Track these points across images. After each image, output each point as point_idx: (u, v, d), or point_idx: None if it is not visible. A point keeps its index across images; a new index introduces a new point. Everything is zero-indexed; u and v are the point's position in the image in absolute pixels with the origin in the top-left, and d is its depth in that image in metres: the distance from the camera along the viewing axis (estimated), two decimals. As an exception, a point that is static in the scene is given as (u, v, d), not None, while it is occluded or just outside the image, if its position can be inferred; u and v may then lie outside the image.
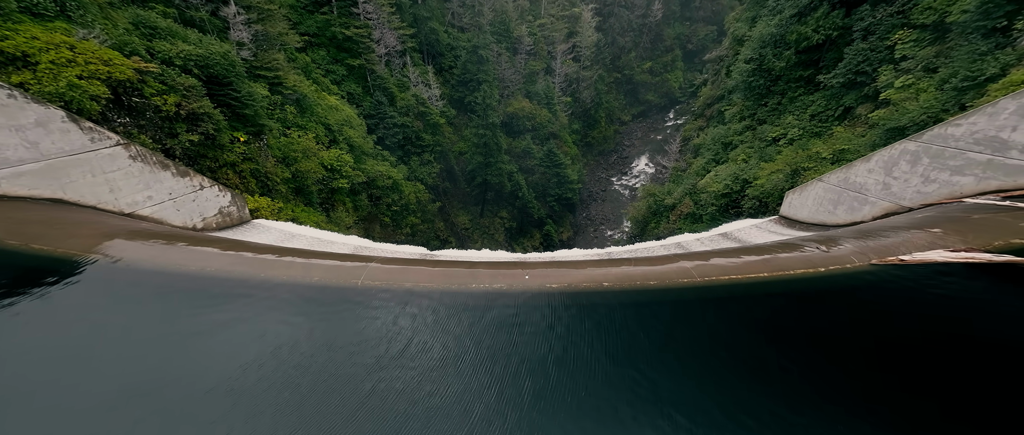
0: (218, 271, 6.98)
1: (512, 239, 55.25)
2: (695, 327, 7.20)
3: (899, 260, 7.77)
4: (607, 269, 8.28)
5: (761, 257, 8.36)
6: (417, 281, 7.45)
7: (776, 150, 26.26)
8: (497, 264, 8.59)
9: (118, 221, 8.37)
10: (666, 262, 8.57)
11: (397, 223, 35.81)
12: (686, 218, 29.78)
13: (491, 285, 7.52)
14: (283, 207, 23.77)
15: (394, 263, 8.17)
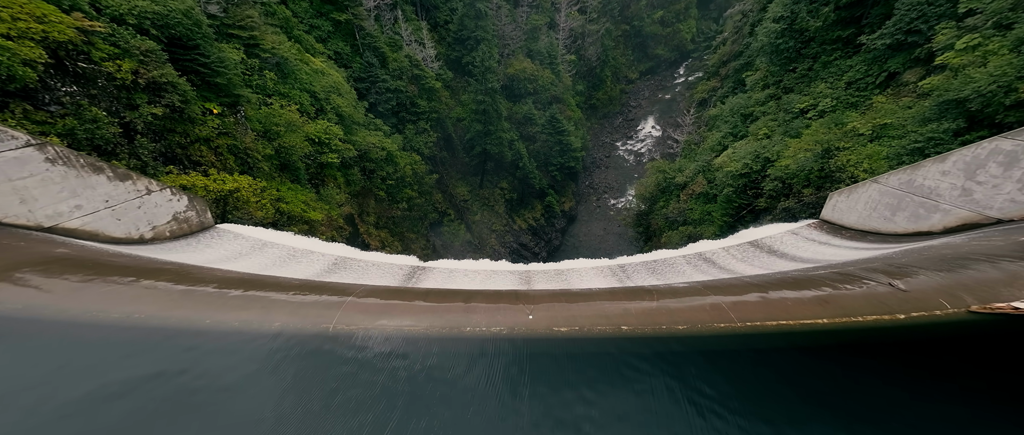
0: (149, 318, 5.38)
1: (512, 211, 53.66)
2: (743, 397, 5.65)
3: (1013, 309, 5.90)
4: (623, 304, 6.72)
5: (815, 293, 6.70)
6: (402, 323, 5.90)
7: (804, 124, 24.01)
8: (496, 296, 7.02)
9: (31, 243, 6.67)
10: (694, 295, 7.00)
11: (393, 197, 34.00)
12: (698, 198, 28.00)
13: (489, 328, 6.01)
14: (266, 186, 21.87)
15: (375, 295, 6.56)
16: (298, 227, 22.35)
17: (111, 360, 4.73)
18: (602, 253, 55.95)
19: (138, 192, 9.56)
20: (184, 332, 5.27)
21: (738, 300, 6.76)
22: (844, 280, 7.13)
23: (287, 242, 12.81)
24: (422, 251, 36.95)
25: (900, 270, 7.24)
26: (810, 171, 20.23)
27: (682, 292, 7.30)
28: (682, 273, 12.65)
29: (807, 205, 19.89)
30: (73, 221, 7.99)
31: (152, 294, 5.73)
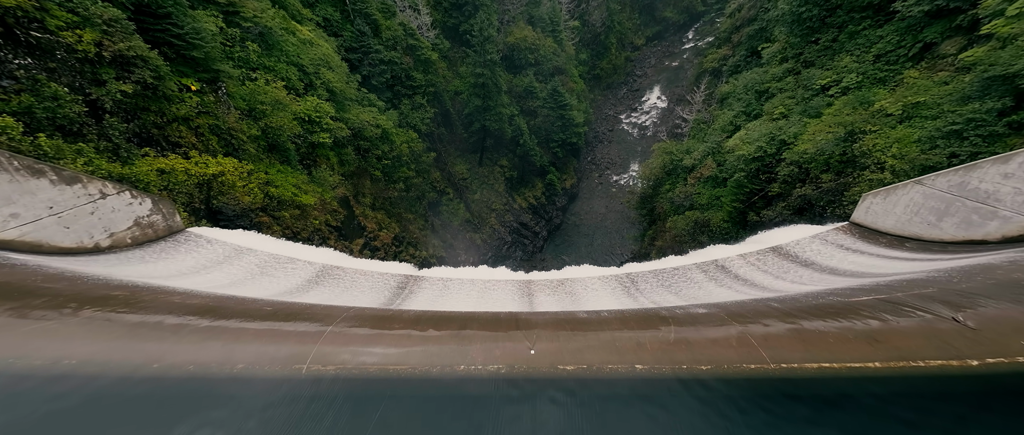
0: (84, 364, 4.44)
1: (512, 189, 52.44)
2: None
3: None
4: (637, 335, 5.84)
5: (861, 327, 5.71)
6: (388, 359, 5.02)
7: (825, 102, 22.53)
8: (494, 321, 6.11)
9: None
10: (716, 325, 6.11)
11: (389, 177, 32.74)
12: (706, 182, 26.79)
13: (486, 365, 5.14)
14: (253, 169, 20.62)
15: (359, 322, 5.64)
16: (290, 212, 21.30)
17: (25, 428, 3.81)
18: (603, 232, 55.16)
19: (90, 196, 8.45)
20: (126, 380, 4.34)
21: (768, 332, 5.84)
22: (893, 309, 6.12)
23: (267, 248, 11.74)
24: (420, 231, 36.08)
25: (962, 298, 6.24)
26: (830, 155, 19.01)
27: (702, 320, 6.37)
28: (697, 285, 11.65)
29: (825, 192, 18.80)
30: (8, 232, 6.92)
31: (92, 329, 4.78)
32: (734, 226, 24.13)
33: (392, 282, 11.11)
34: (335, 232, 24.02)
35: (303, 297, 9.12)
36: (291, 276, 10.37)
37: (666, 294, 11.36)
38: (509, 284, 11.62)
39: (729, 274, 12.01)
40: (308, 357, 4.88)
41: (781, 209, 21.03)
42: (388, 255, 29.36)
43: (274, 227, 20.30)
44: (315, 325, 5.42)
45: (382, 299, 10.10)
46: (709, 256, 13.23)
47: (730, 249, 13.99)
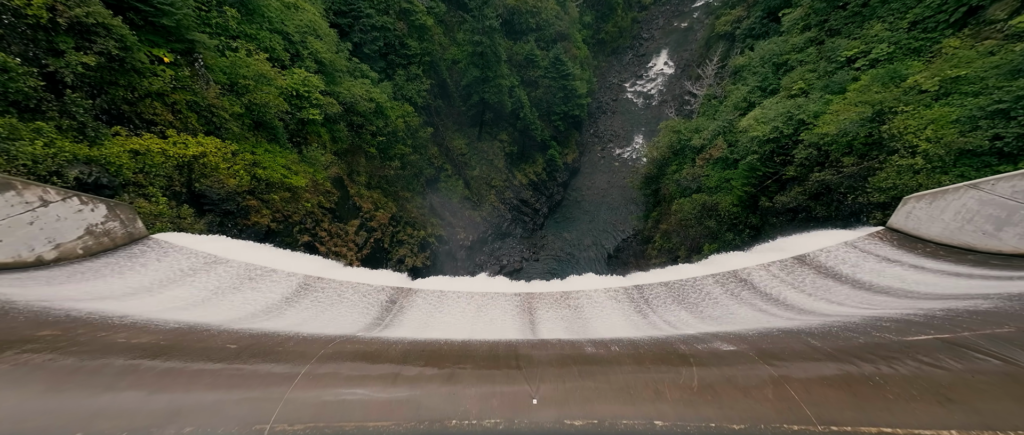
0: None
1: (512, 165, 50.98)
2: None
3: None
4: (654, 378, 5.01)
5: (925, 377, 4.66)
6: (367, 414, 4.18)
7: (851, 76, 20.98)
8: (491, 358, 5.27)
9: None
10: (745, 365, 5.25)
11: (385, 154, 31.36)
12: (716, 163, 25.47)
13: (482, 420, 4.32)
14: (238, 149, 19.33)
15: (338, 358, 4.76)
16: (280, 194, 20.19)
17: None
18: (605, 208, 54.15)
19: (27, 204, 7.37)
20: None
21: (809, 378, 4.96)
22: (961, 355, 5.11)
23: (243, 257, 10.63)
24: (418, 210, 35.08)
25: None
26: (854, 137, 17.74)
27: (729, 359, 5.50)
28: (715, 302, 10.55)
29: (847, 177, 17.67)
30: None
31: (5, 384, 3.88)
32: (744, 211, 23.15)
33: (381, 296, 10.17)
34: (329, 214, 23.04)
35: (280, 319, 8.16)
36: (269, 291, 9.35)
37: (680, 312, 10.27)
38: (507, 298, 10.62)
39: (751, 289, 10.85)
40: (273, 414, 4.03)
41: (796, 194, 19.98)
42: (385, 236, 28.50)
43: (263, 211, 19.29)
44: (287, 366, 4.55)
45: (369, 318, 9.18)
46: (726, 266, 11.99)
47: (749, 258, 12.65)
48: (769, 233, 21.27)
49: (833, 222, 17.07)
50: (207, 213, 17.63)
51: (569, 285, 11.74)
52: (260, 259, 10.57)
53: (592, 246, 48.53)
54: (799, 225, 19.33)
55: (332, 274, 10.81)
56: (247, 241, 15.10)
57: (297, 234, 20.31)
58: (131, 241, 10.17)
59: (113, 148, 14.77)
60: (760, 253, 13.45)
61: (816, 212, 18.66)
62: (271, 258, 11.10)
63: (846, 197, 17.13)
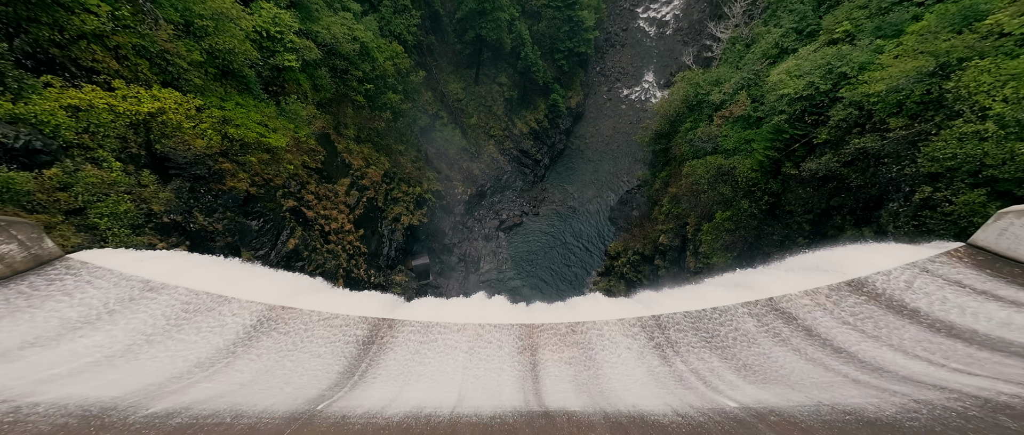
0: None
1: (512, 111, 47.68)
2: None
3: None
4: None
5: None
6: None
7: (908, 15, 18.14)
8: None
9: None
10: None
11: (373, 103, 28.50)
12: (736, 122, 23.03)
13: None
14: (203, 104, 16.88)
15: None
16: (257, 156, 18.09)
17: None
18: (609, 157, 51.81)
19: None
20: None
21: None
22: None
23: (186, 282, 8.66)
24: (413, 164, 32.94)
25: None
26: (907, 95, 15.54)
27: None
28: (752, 343, 8.69)
29: (891, 142, 15.78)
30: None
31: None
32: (764, 176, 21.41)
33: (358, 333, 8.59)
34: (315, 175, 21.12)
35: (227, 375, 6.66)
36: (218, 330, 7.78)
37: (711, 357, 8.42)
38: (505, 333, 9.02)
39: (795, 326, 8.74)
40: None
41: (827, 161, 18.17)
42: (379, 194, 26.80)
43: (240, 175, 17.38)
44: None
45: (340, 366, 7.76)
46: (759, 291, 9.88)
47: (787, 281, 10.33)
48: (792, 204, 19.84)
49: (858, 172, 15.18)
50: (174, 178, 15.77)
51: (578, 313, 9.99)
52: (207, 282, 8.75)
53: (595, 199, 47.16)
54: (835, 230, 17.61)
55: (302, 302, 9.11)
56: (205, 255, 13.08)
57: (281, 199, 18.62)
58: (36, 265, 8.14)
59: (44, 103, 12.50)
60: (800, 273, 11.07)
61: (850, 181, 17.06)
62: (222, 279, 9.35)
63: (888, 167, 15.43)
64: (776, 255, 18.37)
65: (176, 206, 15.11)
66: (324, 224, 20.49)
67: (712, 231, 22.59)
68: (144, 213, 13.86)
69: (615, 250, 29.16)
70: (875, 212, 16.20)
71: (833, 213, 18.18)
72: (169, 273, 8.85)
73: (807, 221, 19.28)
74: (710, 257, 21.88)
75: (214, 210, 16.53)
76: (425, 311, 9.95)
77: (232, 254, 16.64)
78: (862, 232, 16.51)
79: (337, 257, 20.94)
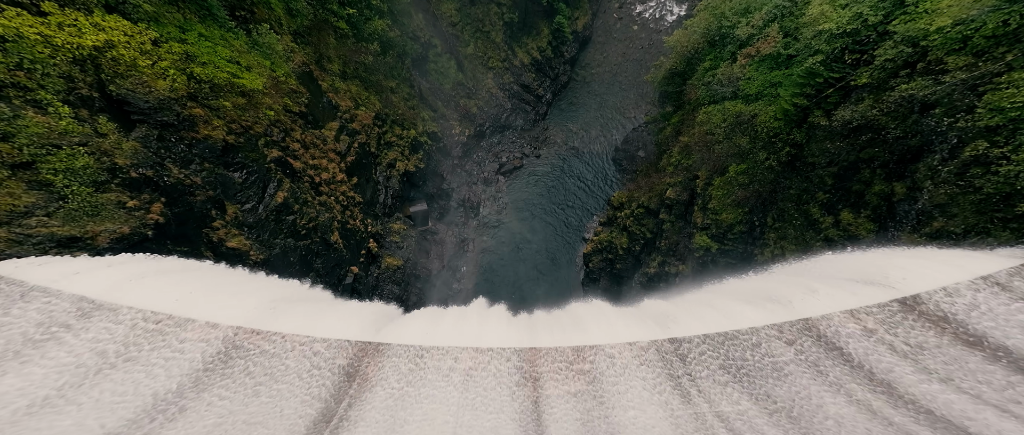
0: None
1: (512, 38, 43.38)
2: None
3: None
4: None
5: None
6: None
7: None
8: None
9: None
10: None
11: (359, 32, 25.31)
12: (763, 62, 20.47)
13: None
14: (159, 36, 14.48)
15: None
16: (232, 100, 16.04)
17: None
18: (617, 89, 48.34)
19: None
20: None
21: None
22: None
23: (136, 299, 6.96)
24: (406, 103, 30.38)
25: None
26: (978, 27, 13.50)
27: None
28: (785, 376, 7.29)
29: (946, 88, 14.07)
30: None
31: None
32: (787, 126, 19.66)
33: (337, 363, 7.32)
34: (300, 120, 19.16)
35: (175, 428, 5.46)
36: (171, 364, 6.39)
37: (740, 396, 7.20)
38: (504, 361, 7.80)
39: (838, 355, 7.25)
40: None
41: (866, 108, 16.44)
42: (371, 139, 24.90)
43: (214, 121, 15.59)
44: None
45: (314, 409, 6.64)
46: (791, 308, 8.31)
47: (829, 299, 8.43)
48: (815, 156, 18.42)
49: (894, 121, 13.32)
50: (138, 125, 14.05)
51: (587, 338, 8.41)
52: (171, 297, 7.35)
53: (599, 138, 44.91)
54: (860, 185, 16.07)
55: (275, 321, 7.86)
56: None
57: (264, 149, 16.99)
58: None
59: None
60: (835, 284, 9.22)
61: (888, 132, 15.55)
62: (193, 290, 8.05)
63: (937, 117, 13.87)
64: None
65: (144, 158, 13.62)
66: (313, 175, 19.08)
67: (724, 186, 21.43)
68: (107, 167, 12.45)
69: (619, 200, 28.21)
70: (911, 165, 14.94)
71: (861, 166, 16.93)
72: (114, 288, 7.38)
73: (830, 175, 18.09)
74: (719, 213, 21.00)
75: (189, 161, 15.04)
76: (417, 330, 8.64)
77: (216, 208, 15.51)
78: (892, 187, 15.43)
79: (330, 209, 19.87)
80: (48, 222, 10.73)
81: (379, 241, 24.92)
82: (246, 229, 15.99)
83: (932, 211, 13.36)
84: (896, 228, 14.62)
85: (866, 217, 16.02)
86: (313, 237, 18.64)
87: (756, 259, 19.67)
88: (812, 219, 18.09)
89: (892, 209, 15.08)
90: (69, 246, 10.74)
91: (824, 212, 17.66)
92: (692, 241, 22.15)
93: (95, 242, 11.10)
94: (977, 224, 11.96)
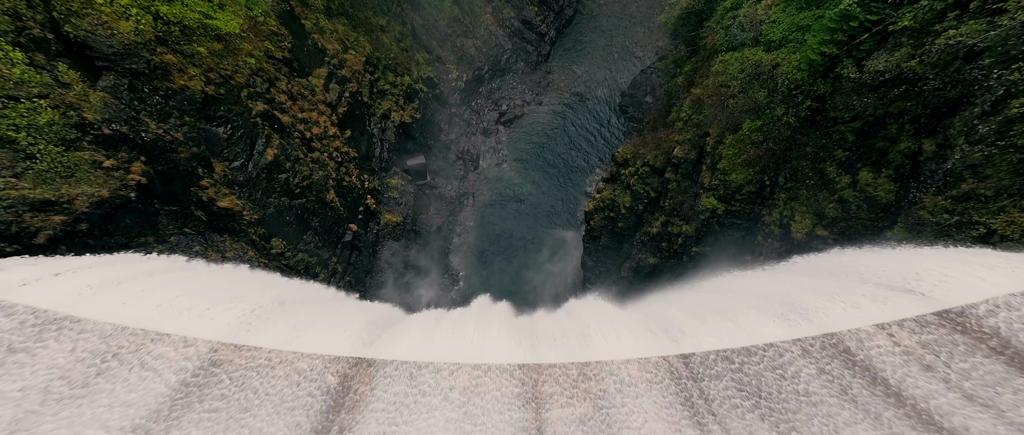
0: None
1: (515, -30, 39.24)
2: None
3: None
4: None
5: None
6: None
7: None
8: None
9: None
10: None
11: (342, -39, 22.49)
12: (792, 2, 18.37)
13: None
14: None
15: None
16: (207, 46, 14.40)
17: None
18: (625, 26, 44.78)
19: None
20: None
21: None
22: None
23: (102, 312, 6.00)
24: (398, 43, 27.97)
25: None
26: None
27: None
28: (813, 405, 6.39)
29: (1000, 32, 12.80)
30: None
31: None
32: (810, 77, 18.21)
33: (326, 382, 6.64)
34: (284, 67, 17.48)
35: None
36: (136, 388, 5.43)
37: (762, 429, 6.40)
38: (506, 379, 7.11)
39: (876, 382, 6.30)
40: None
41: (903, 55, 15.08)
42: (362, 87, 23.16)
43: (189, 70, 14.17)
44: None
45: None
46: (813, 319, 7.46)
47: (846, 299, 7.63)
48: (838, 110, 17.23)
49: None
50: (104, 73, 12.73)
51: (594, 354, 7.74)
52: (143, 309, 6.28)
53: (605, 82, 42.42)
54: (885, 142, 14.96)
55: (257, 338, 7.00)
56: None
57: (247, 101, 15.67)
58: None
59: None
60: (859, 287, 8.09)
61: (926, 83, 14.35)
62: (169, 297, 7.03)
63: (986, 69, 12.68)
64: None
65: (116, 111, 12.50)
66: (304, 129, 17.85)
67: (735, 144, 20.38)
68: (75, 124, 11.41)
69: (623, 156, 27.06)
70: (945, 120, 13.96)
71: (888, 121, 15.89)
72: (77, 297, 6.22)
73: (852, 131, 17.07)
74: (729, 173, 20.17)
75: (167, 115, 13.89)
76: (413, 343, 7.89)
77: (202, 166, 14.61)
78: (919, 145, 14.57)
79: (324, 166, 18.87)
80: (17, 184, 9.98)
81: (377, 197, 24.22)
82: (237, 188, 15.23)
83: (962, 172, 12.66)
84: (919, 189, 14.00)
85: (887, 177, 15.32)
86: (308, 195, 17.90)
87: (763, 221, 19.22)
88: (827, 179, 17.37)
89: (917, 169, 14.35)
90: (44, 210, 10.09)
91: (841, 171, 16.90)
92: (698, 202, 21.56)
93: (72, 206, 10.44)
94: (1011, 186, 11.34)
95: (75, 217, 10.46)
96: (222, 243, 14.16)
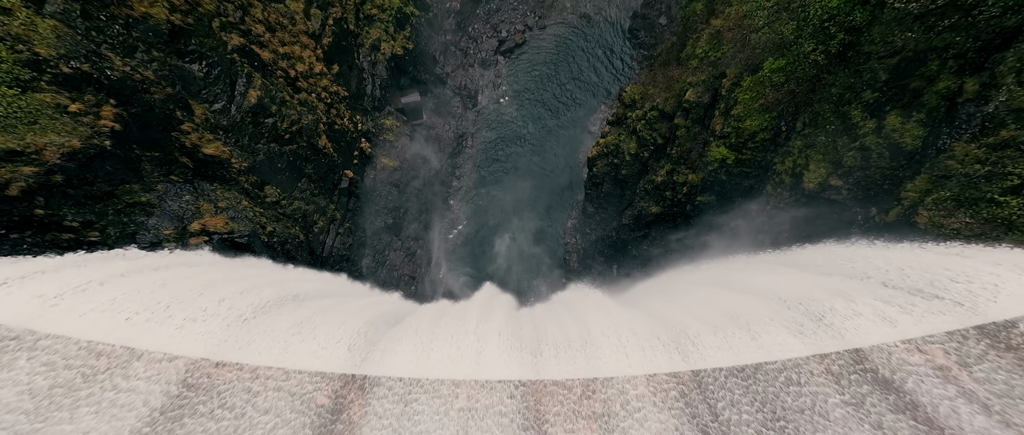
0: None
1: None
2: None
3: None
4: None
5: None
6: None
7: None
8: None
9: None
10: None
11: None
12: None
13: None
14: None
15: None
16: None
17: None
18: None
19: None
20: None
21: None
22: None
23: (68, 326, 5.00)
24: (386, -40, 24.57)
25: None
26: None
27: None
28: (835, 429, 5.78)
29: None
30: None
31: None
32: (847, 5, 16.29)
33: (317, 401, 6.03)
34: (255, -12, 15.25)
35: None
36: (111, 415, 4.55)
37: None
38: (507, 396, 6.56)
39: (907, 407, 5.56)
40: None
41: None
42: (347, 12, 20.70)
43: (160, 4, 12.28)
44: None
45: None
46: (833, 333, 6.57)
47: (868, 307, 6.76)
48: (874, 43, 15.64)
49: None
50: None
51: (603, 369, 7.08)
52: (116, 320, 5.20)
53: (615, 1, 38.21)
54: (922, 82, 13.54)
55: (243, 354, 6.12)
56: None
57: (221, 33, 13.89)
58: None
59: None
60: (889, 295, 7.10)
61: (982, 11, 12.85)
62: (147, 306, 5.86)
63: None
64: None
65: (73, 44, 11.07)
66: (287, 67, 16.15)
67: (754, 87, 18.82)
68: (28, 61, 10.10)
69: (631, 97, 25.21)
70: (995, 54, 12.69)
71: (930, 57, 14.52)
72: (39, 310, 5.15)
73: (886, 68, 15.69)
74: (743, 119, 18.90)
75: (132, 48, 12.40)
76: (409, 358, 7.21)
77: (181, 108, 13.38)
78: (961, 84, 13.45)
79: (313, 109, 17.42)
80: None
81: (371, 140, 22.98)
82: (222, 134, 14.15)
83: (1005, 117, 11.81)
84: (950, 136, 13.20)
85: (916, 121, 14.39)
86: (299, 141, 16.81)
87: (774, 169, 18.46)
88: (850, 124, 16.36)
89: (952, 112, 13.40)
90: (10, 160, 9.26)
91: (867, 115, 15.85)
92: (707, 151, 20.56)
93: (41, 157, 9.59)
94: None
95: (48, 168, 9.67)
96: (213, 192, 13.45)
